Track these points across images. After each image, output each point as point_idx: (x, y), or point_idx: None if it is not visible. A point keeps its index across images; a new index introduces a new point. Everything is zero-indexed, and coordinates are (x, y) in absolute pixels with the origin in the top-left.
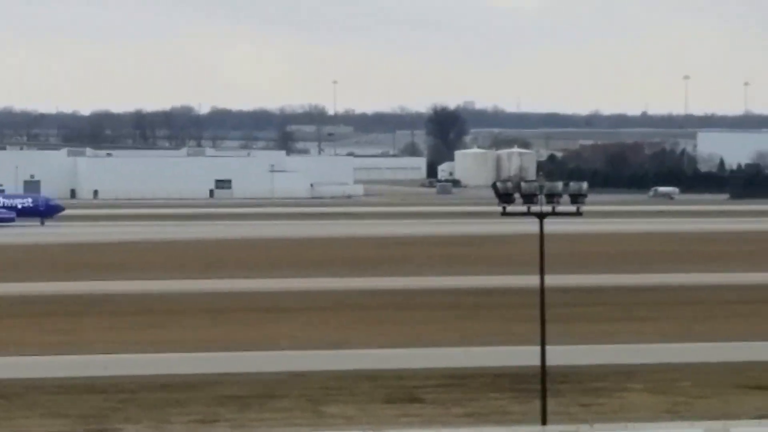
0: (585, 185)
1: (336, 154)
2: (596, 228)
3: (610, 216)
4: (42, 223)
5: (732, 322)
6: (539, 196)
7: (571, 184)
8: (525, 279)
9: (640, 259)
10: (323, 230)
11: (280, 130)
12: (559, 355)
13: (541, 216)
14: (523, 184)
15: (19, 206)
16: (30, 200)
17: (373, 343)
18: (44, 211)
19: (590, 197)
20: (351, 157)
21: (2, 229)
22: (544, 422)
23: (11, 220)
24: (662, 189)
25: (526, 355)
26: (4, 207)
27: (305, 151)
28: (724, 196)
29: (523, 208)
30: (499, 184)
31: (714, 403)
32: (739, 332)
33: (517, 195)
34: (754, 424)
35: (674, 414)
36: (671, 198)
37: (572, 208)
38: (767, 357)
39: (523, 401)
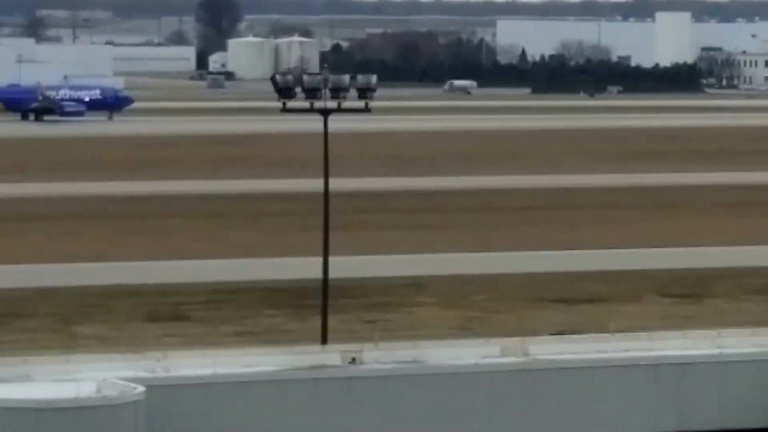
0: (374, 79)
1: (93, 43)
2: (386, 126)
3: (402, 112)
4: (110, 117)
5: (531, 229)
6: (323, 91)
7: (359, 77)
8: (307, 183)
9: (434, 161)
10: (77, 129)
11: (28, 15)
12: (343, 267)
13: (325, 112)
14: (305, 77)
15: (87, 99)
16: (98, 92)
17: (133, 256)
18: (113, 104)
19: (379, 92)
20: (110, 47)
21: (53, 125)
22: (324, 341)
23: (81, 114)
24: (458, 83)
25: (306, 268)
26: (71, 100)
27: (58, 39)
28: (526, 90)
29: (306, 104)
30: (278, 78)
31: (511, 319)
32: (539, 241)
33: (298, 89)
34: (553, 341)
35: (468, 330)
36: (468, 92)
37: (360, 104)
38: (568, 267)
39: (302, 318)
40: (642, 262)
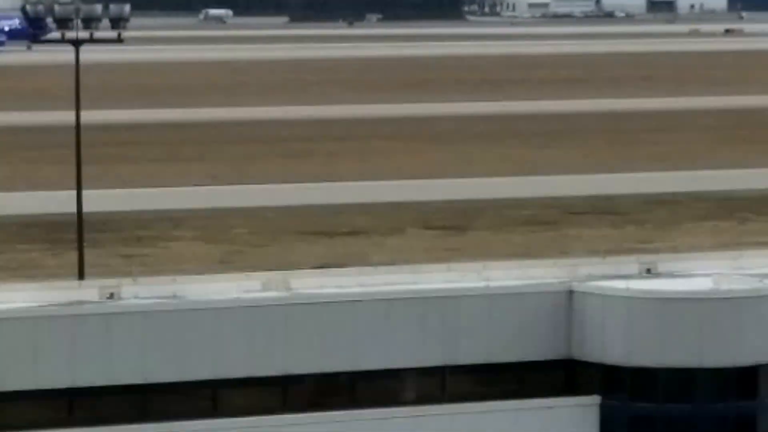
0: (127, 8)
1: None
2: (140, 56)
3: (156, 42)
4: (29, 47)
5: (289, 161)
6: (75, 21)
7: (111, 6)
8: (59, 115)
9: (188, 92)
10: None
11: None
12: (98, 201)
13: (76, 43)
14: (56, 7)
15: (6, 28)
16: (17, 22)
17: None
18: (33, 34)
19: (133, 21)
20: None
21: None
22: (81, 276)
23: (0, 44)
24: (213, 11)
25: (59, 202)
26: None
27: None
28: (283, 19)
29: (57, 35)
30: (28, 8)
31: (272, 252)
32: (298, 173)
33: (50, 20)
34: (315, 275)
35: (228, 264)
36: (223, 21)
37: (113, 34)
38: (328, 200)
39: (58, 253)
40: (403, 194)
